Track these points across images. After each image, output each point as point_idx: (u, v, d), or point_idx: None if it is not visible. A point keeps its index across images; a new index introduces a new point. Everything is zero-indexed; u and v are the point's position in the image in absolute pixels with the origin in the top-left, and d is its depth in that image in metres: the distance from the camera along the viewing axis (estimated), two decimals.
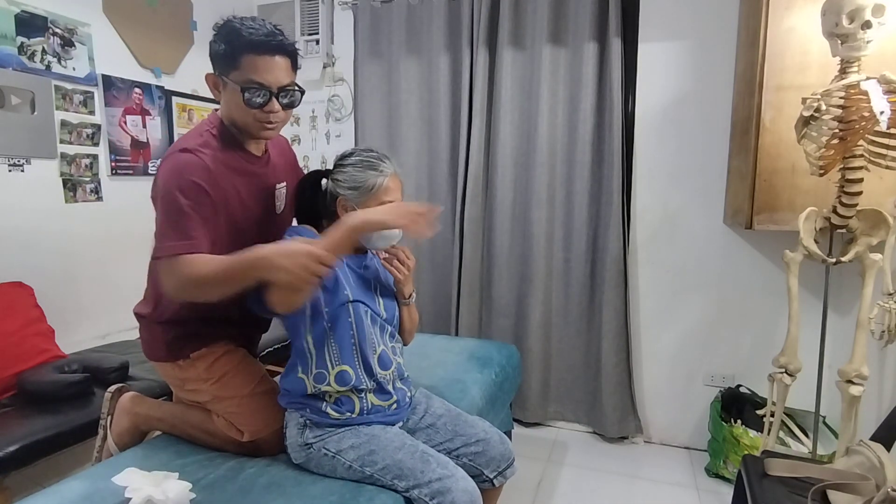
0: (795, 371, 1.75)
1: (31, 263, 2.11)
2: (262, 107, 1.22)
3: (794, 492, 1.27)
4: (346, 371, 1.29)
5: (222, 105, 1.28)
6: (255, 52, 1.19)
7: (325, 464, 1.27)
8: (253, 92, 1.20)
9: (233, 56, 1.19)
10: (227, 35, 1.20)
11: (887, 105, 1.44)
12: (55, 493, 1.19)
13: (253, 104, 1.21)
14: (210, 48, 1.24)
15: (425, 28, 2.71)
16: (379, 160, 1.34)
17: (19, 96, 2.06)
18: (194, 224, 1.17)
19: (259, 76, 1.20)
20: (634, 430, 2.53)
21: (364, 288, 1.36)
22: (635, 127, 2.46)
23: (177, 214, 1.16)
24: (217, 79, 1.25)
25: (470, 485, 1.23)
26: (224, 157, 1.27)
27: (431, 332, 2.60)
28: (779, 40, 1.87)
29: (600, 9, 2.40)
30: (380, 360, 1.34)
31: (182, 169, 1.19)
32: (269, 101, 1.22)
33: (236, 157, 1.30)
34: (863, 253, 1.64)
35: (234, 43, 1.19)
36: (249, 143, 1.34)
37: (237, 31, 1.19)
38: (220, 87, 1.25)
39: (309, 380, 1.30)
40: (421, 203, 1.17)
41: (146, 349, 1.42)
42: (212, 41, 1.24)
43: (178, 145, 1.25)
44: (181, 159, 1.20)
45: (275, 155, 1.43)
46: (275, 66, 1.21)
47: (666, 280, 2.49)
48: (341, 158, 1.37)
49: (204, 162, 1.21)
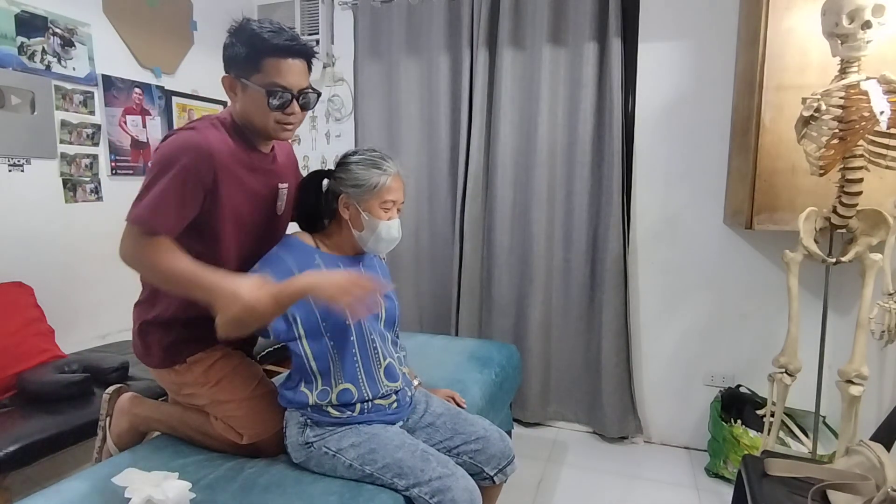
0: (795, 371, 1.75)
1: (31, 263, 2.11)
2: (284, 109, 1.24)
3: (794, 492, 1.27)
4: (349, 389, 1.30)
5: (239, 107, 1.28)
6: (278, 56, 1.21)
7: (325, 462, 1.27)
8: (276, 95, 1.22)
9: (255, 59, 1.21)
10: (249, 39, 1.21)
11: (887, 105, 1.44)
12: (55, 493, 1.19)
13: (276, 107, 1.23)
14: (226, 51, 1.25)
15: (425, 28, 2.71)
16: (382, 159, 1.35)
17: (19, 96, 2.06)
18: (173, 203, 1.17)
19: (282, 79, 1.22)
20: (634, 430, 2.53)
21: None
22: (635, 127, 2.46)
23: (161, 186, 1.15)
24: (235, 81, 1.25)
25: (470, 483, 1.23)
26: (235, 149, 1.27)
27: (431, 332, 2.61)
28: (779, 40, 1.87)
29: (600, 9, 2.40)
30: (386, 371, 1.35)
31: (184, 146, 1.19)
32: (290, 103, 1.24)
33: (246, 152, 1.31)
34: (863, 253, 1.64)
35: (257, 46, 1.20)
36: (259, 143, 1.34)
37: (258, 34, 1.20)
38: (238, 90, 1.26)
39: (312, 395, 1.29)
40: (373, 279, 1.19)
41: (141, 355, 1.40)
42: (228, 44, 1.24)
43: (187, 125, 1.25)
44: (187, 138, 1.20)
45: (279, 155, 1.44)
46: (296, 70, 1.24)
47: (666, 280, 2.49)
48: (345, 157, 1.37)
49: (209, 149, 1.20)
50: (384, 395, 1.35)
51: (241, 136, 1.30)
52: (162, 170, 1.16)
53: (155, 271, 1.19)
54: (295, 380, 1.32)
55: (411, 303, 2.85)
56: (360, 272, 1.38)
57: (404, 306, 2.60)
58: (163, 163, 1.17)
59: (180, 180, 1.17)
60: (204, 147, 1.19)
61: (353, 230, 1.34)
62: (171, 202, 1.16)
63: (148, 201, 1.15)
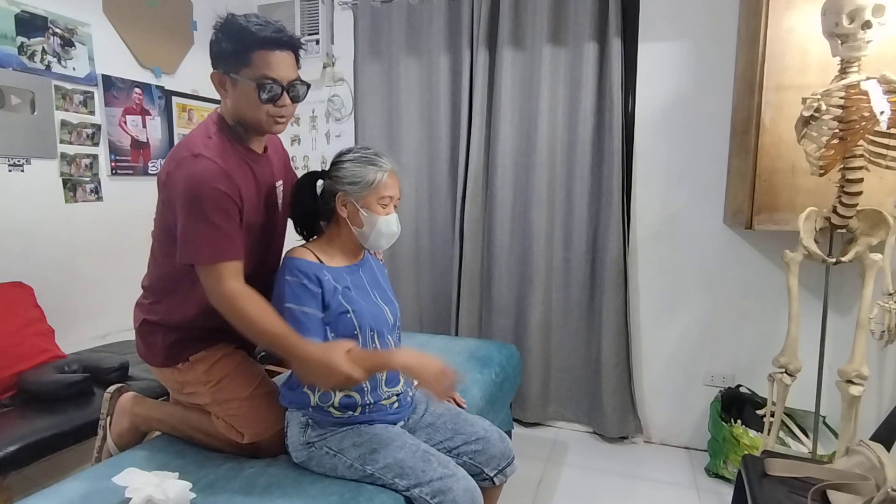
0: (795, 371, 1.75)
1: (31, 263, 2.11)
2: (275, 101, 1.24)
3: (794, 492, 1.27)
4: (352, 396, 1.30)
5: (229, 103, 1.28)
6: (266, 49, 1.21)
7: (326, 462, 1.27)
8: (267, 88, 1.22)
9: (244, 53, 1.20)
10: (237, 33, 1.21)
11: (887, 105, 1.44)
12: (55, 493, 1.19)
13: (267, 99, 1.23)
14: (213, 47, 1.24)
15: (425, 28, 2.71)
16: (377, 156, 1.35)
17: (19, 96, 2.06)
18: (227, 233, 1.19)
19: (272, 72, 1.21)
20: (634, 430, 2.53)
21: (364, 296, 1.36)
22: (635, 127, 2.46)
23: (210, 223, 1.16)
24: (224, 77, 1.25)
25: (471, 484, 1.23)
26: (233, 155, 1.27)
27: (431, 332, 2.61)
28: (779, 40, 1.87)
29: (600, 9, 2.40)
30: (388, 378, 1.35)
31: (203, 176, 1.18)
32: (280, 95, 1.24)
33: (242, 153, 1.30)
34: (863, 253, 1.64)
35: (245, 40, 1.20)
36: (252, 141, 1.34)
37: (245, 28, 1.20)
38: (228, 86, 1.26)
39: (314, 396, 1.30)
40: (456, 372, 1.24)
41: (144, 354, 1.41)
42: (214, 40, 1.23)
43: (188, 148, 1.23)
44: (201, 167, 1.19)
45: (272, 153, 1.44)
46: (284, 62, 1.24)
47: (666, 280, 2.49)
48: (339, 156, 1.38)
49: (223, 169, 1.20)
50: (386, 398, 1.35)
51: (237, 139, 1.30)
52: (202, 210, 1.16)
53: (249, 326, 1.19)
54: (297, 380, 1.32)
55: (411, 303, 2.85)
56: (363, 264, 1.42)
57: (404, 306, 2.60)
58: (198, 201, 1.17)
59: (224, 212, 1.19)
60: (223, 170, 1.20)
61: (352, 227, 1.34)
62: (228, 231, 1.19)
63: (206, 237, 1.17)
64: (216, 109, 1.34)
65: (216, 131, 1.27)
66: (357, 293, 1.33)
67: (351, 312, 1.29)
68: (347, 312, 1.28)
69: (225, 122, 1.30)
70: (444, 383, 1.20)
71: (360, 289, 1.36)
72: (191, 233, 1.17)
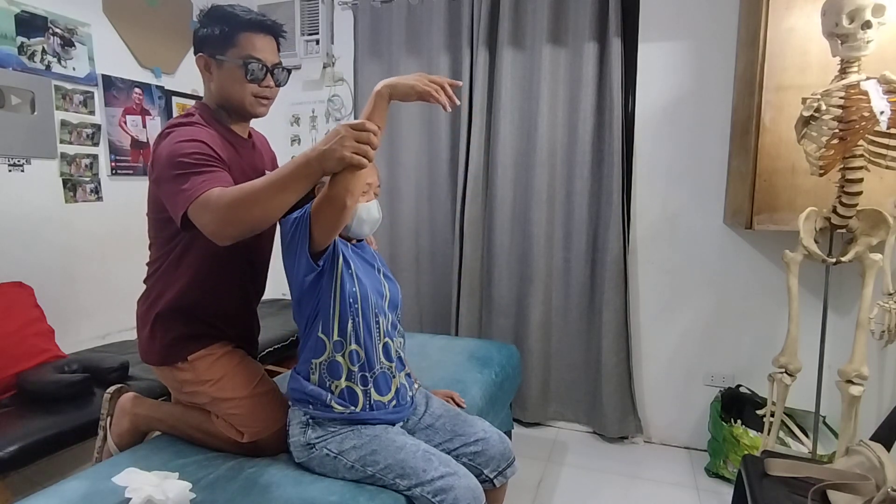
0: (795, 371, 1.75)
1: (31, 263, 2.11)
2: (261, 81, 1.30)
3: (794, 492, 1.27)
4: (357, 351, 1.28)
5: (213, 86, 1.33)
6: (252, 31, 1.28)
7: (326, 464, 1.27)
8: (254, 66, 1.27)
9: (230, 35, 1.27)
10: (223, 18, 1.28)
11: (887, 105, 1.44)
12: (55, 493, 1.19)
13: (253, 79, 1.28)
14: (197, 33, 1.31)
15: (425, 28, 2.71)
16: None
17: (19, 96, 2.06)
18: (207, 170, 1.15)
19: (257, 52, 1.29)
20: (634, 430, 2.53)
21: (368, 270, 1.37)
22: (635, 127, 2.46)
23: (188, 168, 1.14)
24: (209, 60, 1.30)
25: (473, 482, 1.23)
26: (216, 133, 1.30)
27: (431, 332, 2.61)
28: (779, 40, 1.87)
29: (600, 9, 2.40)
30: (384, 350, 1.34)
31: (182, 135, 1.20)
32: (265, 75, 1.30)
33: (224, 133, 1.34)
34: (863, 253, 1.64)
35: (231, 23, 1.27)
36: (236, 125, 1.39)
37: (231, 12, 1.28)
38: (213, 68, 1.31)
39: (329, 344, 1.27)
40: (443, 78, 1.23)
41: (144, 353, 1.41)
42: (199, 27, 1.30)
43: (170, 126, 1.26)
44: (181, 129, 1.23)
45: (259, 146, 1.49)
46: (268, 45, 1.31)
47: (666, 280, 2.49)
48: None
49: (204, 130, 1.25)
50: (385, 382, 1.33)
51: (220, 124, 1.35)
52: (179, 161, 1.14)
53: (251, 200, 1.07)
54: (312, 326, 1.28)
55: (411, 303, 2.85)
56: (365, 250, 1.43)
57: (404, 306, 2.60)
58: (175, 155, 1.16)
59: (201, 156, 1.16)
60: (203, 130, 1.24)
61: None
62: (208, 170, 1.15)
63: (191, 180, 1.12)
64: (196, 103, 1.39)
65: (198, 114, 1.32)
66: (359, 262, 1.35)
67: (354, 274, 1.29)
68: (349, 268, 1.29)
69: (207, 108, 1.35)
70: (424, 80, 1.19)
71: (361, 258, 1.37)
72: (179, 183, 1.13)
